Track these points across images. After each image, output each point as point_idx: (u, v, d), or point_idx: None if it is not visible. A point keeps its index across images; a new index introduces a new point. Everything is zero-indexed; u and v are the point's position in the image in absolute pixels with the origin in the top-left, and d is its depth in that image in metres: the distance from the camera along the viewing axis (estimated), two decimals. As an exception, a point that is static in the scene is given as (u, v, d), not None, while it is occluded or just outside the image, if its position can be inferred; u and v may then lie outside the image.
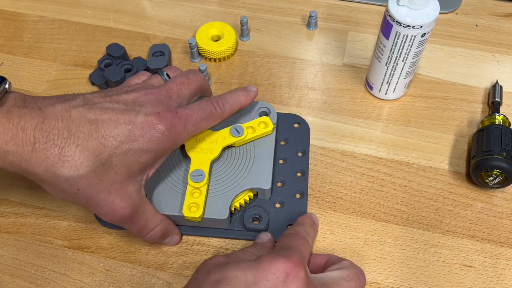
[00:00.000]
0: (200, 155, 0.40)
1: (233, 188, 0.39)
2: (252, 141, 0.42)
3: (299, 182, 0.43)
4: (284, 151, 0.45)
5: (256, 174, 0.40)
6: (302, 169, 0.44)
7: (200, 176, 0.38)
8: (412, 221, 0.41)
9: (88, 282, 0.39)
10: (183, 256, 0.40)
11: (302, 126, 0.47)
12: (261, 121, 0.42)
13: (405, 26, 0.40)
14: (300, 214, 0.41)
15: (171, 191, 0.39)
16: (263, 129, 0.42)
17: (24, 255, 0.40)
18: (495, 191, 0.43)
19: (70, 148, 0.30)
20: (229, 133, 0.41)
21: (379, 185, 0.43)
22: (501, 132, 0.42)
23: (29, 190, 0.44)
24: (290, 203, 0.42)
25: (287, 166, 0.44)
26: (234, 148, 0.42)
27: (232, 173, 0.40)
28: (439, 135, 0.47)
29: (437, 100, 0.49)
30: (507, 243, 0.40)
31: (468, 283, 0.38)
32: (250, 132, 0.42)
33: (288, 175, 0.43)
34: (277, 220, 0.41)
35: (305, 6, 0.59)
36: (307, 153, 0.45)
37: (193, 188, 0.38)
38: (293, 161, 0.44)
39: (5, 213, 0.42)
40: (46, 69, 0.53)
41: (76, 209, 0.42)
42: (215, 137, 0.41)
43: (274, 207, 0.41)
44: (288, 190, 0.42)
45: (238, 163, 0.41)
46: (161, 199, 0.39)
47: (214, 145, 0.40)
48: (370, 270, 0.39)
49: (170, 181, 0.40)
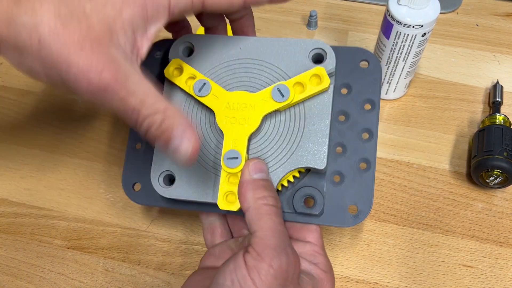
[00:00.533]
0: (234, 128, 0.31)
1: (277, 168, 0.31)
2: (301, 101, 0.32)
3: (364, 147, 0.32)
4: (345, 103, 0.33)
5: (307, 149, 0.31)
6: (369, 128, 0.33)
7: (236, 159, 0.30)
8: (413, 221, 0.41)
9: (88, 282, 0.39)
10: (183, 257, 0.40)
11: (372, 66, 0.34)
12: (313, 74, 0.31)
13: (405, 25, 0.40)
14: (366, 191, 0.32)
15: (204, 172, 0.32)
16: (316, 86, 0.31)
17: (23, 255, 0.40)
18: (495, 191, 0.43)
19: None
20: (271, 96, 0.31)
21: (379, 185, 0.43)
22: (501, 132, 0.42)
23: (28, 190, 0.44)
24: (353, 176, 0.32)
25: (349, 125, 0.33)
26: (277, 114, 0.32)
27: (276, 148, 0.32)
28: (440, 135, 0.47)
29: (437, 100, 0.49)
30: (507, 243, 0.40)
31: (469, 283, 0.38)
32: (298, 91, 0.31)
33: (350, 137, 0.33)
34: (335, 199, 0.32)
35: (305, 6, 0.59)
36: (377, 106, 0.33)
37: (229, 172, 0.31)
38: (358, 117, 0.33)
39: (5, 213, 0.42)
40: (45, 69, 0.53)
41: (76, 209, 0.42)
42: (252, 101, 0.31)
43: (331, 182, 0.32)
44: (350, 158, 0.32)
45: (283, 135, 0.32)
46: (192, 182, 0.32)
47: (252, 113, 0.31)
48: (370, 271, 0.39)
49: (203, 159, 0.32)
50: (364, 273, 0.39)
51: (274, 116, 0.32)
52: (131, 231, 0.41)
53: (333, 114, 0.33)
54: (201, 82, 0.32)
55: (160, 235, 0.41)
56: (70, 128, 0.48)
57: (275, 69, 0.33)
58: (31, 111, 0.49)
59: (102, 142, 0.47)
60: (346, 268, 0.39)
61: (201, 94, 0.32)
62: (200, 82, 0.32)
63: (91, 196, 0.43)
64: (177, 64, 0.33)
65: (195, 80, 0.32)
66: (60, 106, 0.50)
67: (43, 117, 0.49)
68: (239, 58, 0.33)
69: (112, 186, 0.44)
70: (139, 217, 0.42)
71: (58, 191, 0.44)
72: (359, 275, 0.39)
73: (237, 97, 0.32)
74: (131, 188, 0.35)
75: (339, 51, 0.33)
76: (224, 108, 0.32)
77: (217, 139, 0.33)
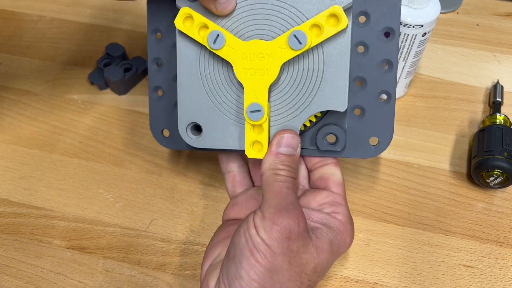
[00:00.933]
0: (253, 80, 0.31)
1: (299, 114, 0.32)
2: (319, 44, 0.31)
3: (384, 78, 0.32)
4: (363, 34, 0.32)
5: (327, 93, 0.31)
6: (388, 59, 0.32)
7: (259, 112, 0.31)
8: (413, 222, 0.41)
9: (88, 282, 0.39)
10: (183, 257, 0.40)
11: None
12: (330, 13, 0.30)
13: (405, 25, 0.40)
14: (387, 123, 0.33)
15: (227, 121, 0.33)
16: (334, 27, 0.30)
17: (23, 255, 0.40)
18: (496, 191, 0.43)
19: None
20: (287, 44, 0.30)
21: (379, 185, 0.43)
22: (502, 132, 0.42)
23: (28, 190, 0.44)
24: (373, 109, 0.33)
25: (368, 57, 0.32)
26: (295, 59, 0.32)
27: (296, 94, 0.32)
28: (440, 135, 0.47)
29: (437, 100, 0.49)
30: (508, 243, 0.40)
31: (469, 283, 0.38)
32: (315, 34, 0.30)
33: (369, 69, 0.32)
34: (356, 133, 0.33)
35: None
36: (396, 34, 0.32)
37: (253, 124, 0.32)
38: (377, 47, 0.32)
39: (4, 213, 0.42)
40: (45, 69, 0.53)
41: (75, 209, 0.42)
42: (268, 50, 0.31)
43: (352, 116, 0.33)
44: (369, 91, 0.33)
45: (302, 80, 0.32)
46: (216, 129, 0.33)
47: (270, 62, 0.31)
48: (370, 271, 0.39)
49: (225, 108, 0.33)
50: (364, 273, 0.39)
51: (292, 63, 0.32)
52: (131, 231, 0.41)
53: (352, 46, 0.32)
54: (215, 34, 0.31)
55: (160, 235, 0.41)
56: (69, 128, 0.48)
57: (288, 7, 0.31)
58: (31, 111, 0.49)
59: (102, 142, 0.47)
60: (346, 268, 0.39)
61: (216, 47, 0.31)
62: (213, 34, 0.31)
63: (91, 196, 0.43)
64: (186, 13, 0.32)
65: (208, 31, 0.31)
66: (60, 106, 0.50)
67: (43, 117, 0.49)
68: (249, 0, 0.32)
69: (112, 186, 0.44)
70: (139, 217, 0.42)
71: (57, 191, 0.44)
72: (359, 275, 0.39)
73: (253, 47, 0.31)
74: (161, 134, 0.37)
75: None
76: (241, 59, 0.31)
77: (238, 89, 0.33)
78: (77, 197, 0.43)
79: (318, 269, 0.30)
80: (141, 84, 0.51)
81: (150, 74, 0.36)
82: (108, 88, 0.51)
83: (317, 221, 0.32)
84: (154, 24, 0.35)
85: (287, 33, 0.30)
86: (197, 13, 0.32)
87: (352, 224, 0.33)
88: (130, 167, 0.45)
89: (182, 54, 0.33)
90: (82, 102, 0.50)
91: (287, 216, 0.29)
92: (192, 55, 0.33)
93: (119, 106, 0.49)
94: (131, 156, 0.46)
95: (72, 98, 0.50)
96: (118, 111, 0.49)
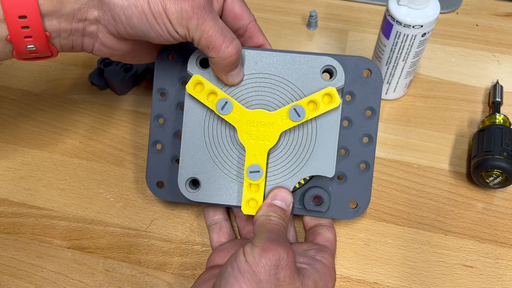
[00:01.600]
0: (255, 144, 0.35)
1: (292, 176, 0.36)
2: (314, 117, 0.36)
3: (365, 150, 0.37)
4: (349, 110, 0.37)
5: (318, 160, 0.36)
6: (369, 133, 0.37)
7: (258, 172, 0.35)
8: (413, 221, 0.41)
9: (88, 282, 0.39)
10: (183, 257, 0.40)
11: (374, 75, 0.37)
12: (325, 93, 0.35)
13: (405, 25, 0.40)
14: (365, 189, 0.37)
15: (226, 179, 0.36)
16: (328, 105, 0.35)
17: (23, 255, 0.40)
18: (495, 191, 0.43)
19: None
20: (287, 116, 0.35)
21: (379, 185, 0.43)
22: (501, 132, 0.42)
23: (29, 190, 0.44)
24: (354, 176, 0.37)
25: (351, 130, 0.37)
26: (291, 129, 0.36)
27: (290, 158, 0.36)
28: (440, 135, 0.47)
29: (437, 100, 0.49)
30: (507, 243, 0.40)
31: (469, 283, 0.38)
32: (311, 109, 0.35)
33: (352, 141, 0.37)
34: (338, 196, 0.37)
35: (305, 6, 0.59)
36: (377, 113, 0.37)
37: (250, 183, 0.35)
38: (359, 123, 0.37)
39: (5, 213, 0.42)
40: (45, 69, 0.53)
41: (76, 209, 0.42)
42: (270, 119, 0.35)
43: (335, 181, 0.37)
44: (351, 160, 0.37)
45: (297, 147, 0.36)
46: (215, 187, 0.36)
47: (270, 130, 0.35)
48: (370, 271, 0.39)
49: (224, 167, 0.36)
50: (364, 273, 0.39)
51: (289, 131, 0.36)
52: (131, 231, 0.41)
53: (338, 140, 0.36)
54: (223, 101, 0.35)
55: (160, 235, 0.41)
56: (70, 128, 0.48)
57: (289, 84, 0.36)
58: (31, 111, 0.49)
59: (102, 142, 0.47)
60: (346, 268, 0.39)
61: (223, 112, 0.35)
62: (222, 101, 0.35)
63: (91, 196, 0.43)
64: (197, 80, 0.35)
65: (217, 97, 0.35)
66: (60, 106, 0.50)
67: (43, 117, 0.49)
68: (254, 73, 0.36)
69: (112, 186, 0.44)
70: (139, 217, 0.42)
71: (58, 191, 0.44)
72: (359, 275, 0.39)
73: (257, 115, 0.35)
74: (155, 185, 0.39)
75: (344, 60, 0.36)
76: (245, 124, 0.35)
77: (239, 150, 0.36)
78: (77, 197, 0.43)
79: None
80: (141, 84, 0.51)
81: (151, 129, 0.39)
82: (108, 88, 0.51)
83: (303, 262, 0.33)
84: (160, 84, 0.38)
85: (287, 107, 0.35)
86: (207, 81, 0.35)
87: (334, 271, 0.34)
88: (130, 167, 0.45)
89: (189, 115, 0.37)
90: (83, 102, 0.50)
91: (277, 245, 0.29)
92: (198, 117, 0.37)
93: (119, 106, 0.50)
94: (131, 156, 0.46)
95: (73, 98, 0.50)
96: (118, 111, 0.49)
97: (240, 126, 0.35)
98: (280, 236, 0.31)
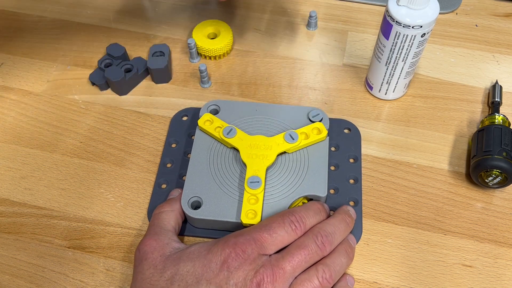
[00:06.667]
0: (255, 162, 0.40)
1: (289, 195, 0.39)
2: (305, 147, 0.42)
3: (352, 189, 0.42)
4: (335, 158, 0.44)
5: (311, 181, 0.40)
6: (355, 176, 0.43)
7: (257, 183, 0.39)
8: (412, 221, 0.41)
9: (89, 282, 0.39)
10: (183, 256, 0.40)
11: (353, 132, 0.46)
12: (314, 127, 0.42)
13: (405, 26, 0.40)
14: (356, 222, 0.40)
15: (227, 198, 0.39)
16: (317, 135, 0.42)
17: (24, 255, 0.40)
18: (495, 191, 0.43)
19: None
20: (284, 139, 0.41)
21: (379, 185, 0.43)
22: (501, 132, 0.42)
23: (29, 190, 0.44)
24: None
25: (339, 173, 0.43)
26: (288, 155, 0.42)
27: (287, 179, 0.40)
28: (439, 135, 0.47)
29: (437, 100, 0.49)
30: (506, 243, 0.40)
31: (468, 283, 0.38)
32: (303, 138, 0.42)
33: (340, 182, 0.43)
34: None
35: (305, 6, 0.59)
36: (359, 159, 0.44)
37: (250, 194, 0.38)
38: (345, 168, 0.44)
39: (5, 213, 0.43)
40: (46, 69, 0.53)
41: (76, 209, 0.43)
42: (269, 143, 0.41)
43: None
44: (341, 197, 0.42)
45: (292, 170, 0.41)
46: (216, 205, 0.39)
47: (269, 151, 0.41)
48: (369, 270, 0.39)
49: (226, 187, 0.40)
50: (364, 273, 0.39)
51: (285, 157, 0.42)
52: (132, 231, 0.41)
53: (328, 166, 0.42)
54: (229, 128, 0.42)
55: (160, 235, 0.41)
56: (70, 128, 0.48)
57: (284, 125, 0.43)
58: (31, 111, 0.50)
59: (103, 142, 0.47)
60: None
61: (229, 136, 0.42)
62: (227, 128, 0.42)
63: (91, 195, 0.43)
64: (208, 117, 0.43)
65: (223, 127, 0.42)
66: (60, 106, 0.50)
67: (43, 117, 0.49)
68: (255, 116, 0.44)
69: (112, 186, 0.44)
70: (139, 217, 0.42)
71: (58, 190, 0.44)
72: (359, 274, 0.39)
73: (257, 140, 0.42)
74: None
75: (330, 121, 0.45)
76: (247, 147, 0.41)
77: (240, 171, 0.41)
78: (78, 197, 0.43)
79: None
80: (141, 84, 0.52)
81: (159, 172, 0.44)
82: (109, 88, 0.51)
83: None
84: (172, 137, 0.46)
85: (284, 133, 0.42)
86: (216, 117, 0.43)
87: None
88: (130, 167, 0.45)
89: (197, 144, 0.43)
90: (83, 102, 0.50)
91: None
92: (205, 146, 0.42)
93: (120, 107, 0.50)
94: (132, 156, 0.46)
95: (73, 98, 0.50)
96: (119, 111, 0.49)
97: (243, 148, 0.41)
98: None
